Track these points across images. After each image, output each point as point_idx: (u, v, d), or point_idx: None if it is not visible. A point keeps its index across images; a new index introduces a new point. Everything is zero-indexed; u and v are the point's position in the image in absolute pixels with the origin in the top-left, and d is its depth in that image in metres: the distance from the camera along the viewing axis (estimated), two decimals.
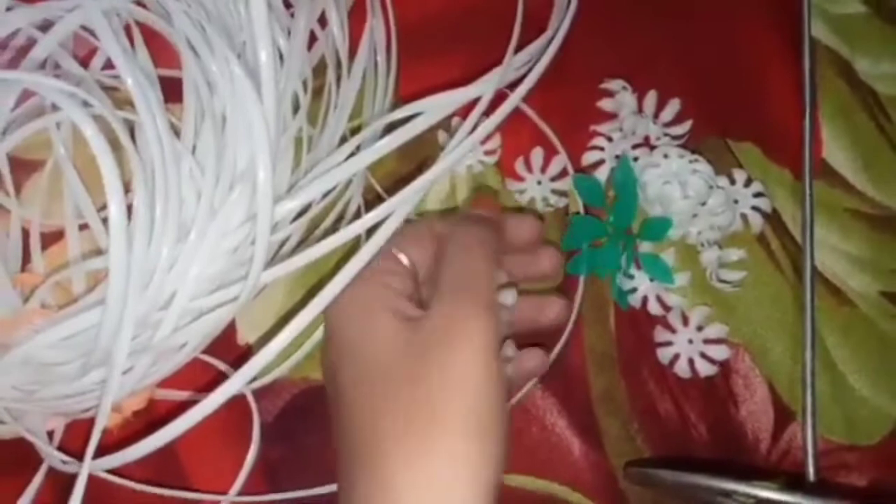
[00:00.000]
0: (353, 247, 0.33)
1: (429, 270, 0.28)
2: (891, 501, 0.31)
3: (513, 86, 0.32)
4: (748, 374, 0.33)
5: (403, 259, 0.28)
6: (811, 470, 0.29)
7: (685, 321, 0.33)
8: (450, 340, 0.24)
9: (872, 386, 0.33)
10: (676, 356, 0.32)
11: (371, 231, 0.29)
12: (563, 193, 0.35)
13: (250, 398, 0.31)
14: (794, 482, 0.30)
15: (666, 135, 0.35)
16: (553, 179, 0.35)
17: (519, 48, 0.33)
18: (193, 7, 0.31)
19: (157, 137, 0.27)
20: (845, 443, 0.32)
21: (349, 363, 0.25)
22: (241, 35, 0.32)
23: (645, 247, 0.33)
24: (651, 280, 0.33)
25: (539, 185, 0.35)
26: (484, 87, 0.31)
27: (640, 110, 0.35)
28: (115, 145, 0.28)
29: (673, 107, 0.36)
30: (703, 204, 0.33)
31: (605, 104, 0.36)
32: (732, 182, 0.34)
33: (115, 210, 0.24)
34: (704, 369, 0.32)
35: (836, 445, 0.32)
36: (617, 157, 0.35)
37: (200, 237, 0.28)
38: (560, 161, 0.35)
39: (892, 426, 0.32)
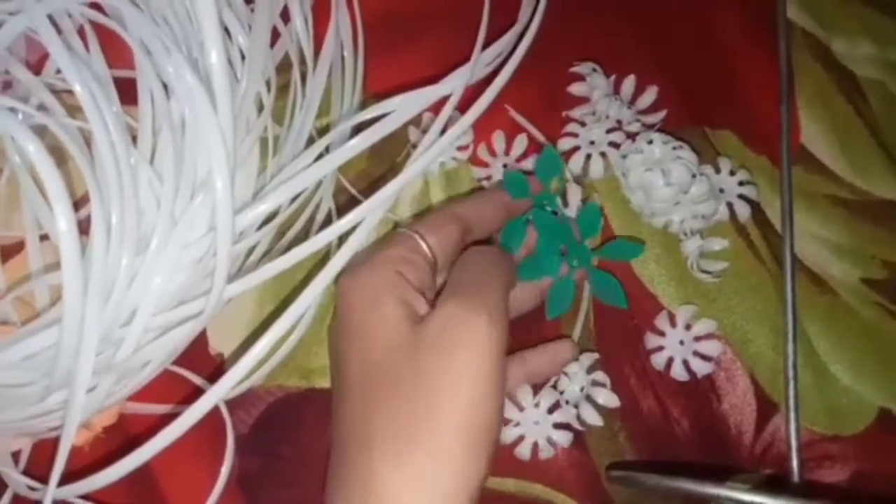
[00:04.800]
0: (325, 251, 0.32)
1: (448, 259, 0.28)
2: (872, 500, 0.31)
3: (486, 81, 0.31)
4: (730, 366, 0.32)
5: (423, 247, 0.27)
6: (795, 468, 0.29)
7: (672, 322, 0.32)
8: (449, 343, 0.24)
9: (855, 375, 0.32)
10: (671, 360, 0.32)
11: (343, 237, 0.28)
12: (530, 172, 0.34)
13: (224, 411, 0.30)
14: (776, 482, 0.30)
15: (639, 121, 0.34)
16: (518, 160, 0.34)
17: (489, 41, 0.32)
18: (148, 8, 0.29)
19: (109, 145, 0.26)
20: (828, 433, 0.31)
21: (350, 351, 0.25)
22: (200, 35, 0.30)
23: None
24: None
25: (505, 167, 0.34)
26: (454, 85, 0.30)
27: (616, 93, 0.35)
28: (68, 154, 0.27)
29: (650, 94, 0.35)
30: (686, 192, 0.32)
31: (578, 88, 0.35)
32: (717, 171, 0.34)
33: (64, 223, 0.23)
34: (701, 368, 0.32)
35: (820, 436, 0.31)
36: (591, 142, 0.34)
37: (161, 248, 0.27)
38: (521, 141, 0.34)
39: (875, 415, 0.32)
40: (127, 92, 0.30)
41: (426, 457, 0.23)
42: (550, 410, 0.30)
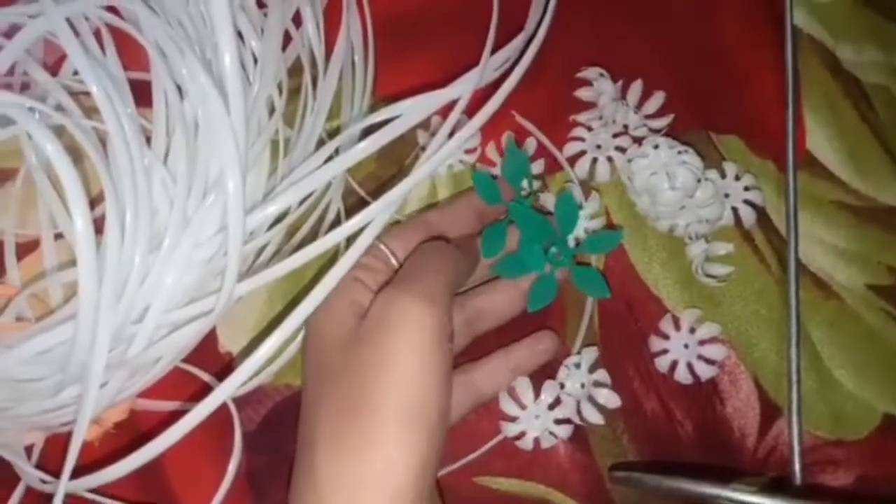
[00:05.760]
0: (333, 252, 0.32)
1: None
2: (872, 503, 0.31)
3: (494, 85, 0.31)
4: (734, 370, 0.32)
5: (385, 252, 0.28)
6: (797, 472, 0.29)
7: (677, 325, 0.32)
8: (384, 327, 0.24)
9: (859, 380, 0.32)
10: (675, 363, 0.32)
11: (351, 239, 0.29)
12: (538, 178, 0.34)
13: (232, 408, 0.31)
14: (778, 484, 0.30)
15: (645, 125, 0.34)
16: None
17: (498, 46, 0.33)
18: (164, 11, 0.30)
19: (124, 145, 0.27)
20: (832, 438, 0.32)
21: (307, 353, 0.27)
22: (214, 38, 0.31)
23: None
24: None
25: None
26: (462, 89, 0.30)
27: (623, 99, 0.35)
28: (84, 154, 0.27)
29: (657, 99, 0.35)
30: (691, 196, 0.33)
31: (585, 93, 0.35)
32: (723, 175, 0.34)
33: (80, 222, 0.24)
34: (704, 372, 0.32)
35: (823, 441, 0.32)
36: (598, 146, 0.34)
37: (173, 246, 0.27)
38: (531, 144, 0.35)
39: (879, 421, 0.32)
40: (142, 93, 0.31)
41: (357, 449, 0.23)
42: (552, 406, 0.31)
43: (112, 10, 0.31)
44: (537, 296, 0.30)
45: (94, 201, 0.33)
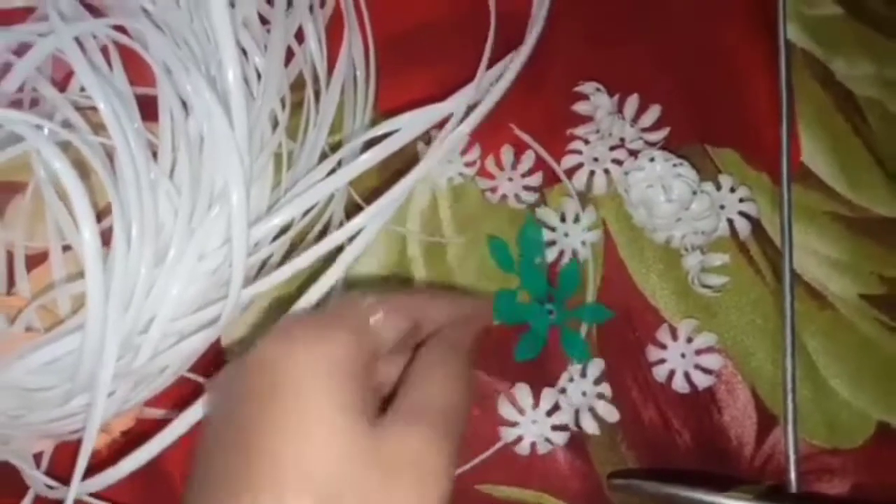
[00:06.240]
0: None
1: (397, 345, 0.24)
2: None
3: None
4: (731, 379, 0.33)
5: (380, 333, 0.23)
6: (793, 481, 0.29)
7: (674, 335, 0.33)
8: (402, 471, 0.20)
9: (854, 389, 0.33)
10: (672, 372, 0.32)
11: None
12: (534, 188, 0.35)
13: None
14: (774, 492, 0.30)
15: (642, 139, 0.35)
16: (524, 175, 0.35)
17: (494, 61, 0.34)
18: (169, 29, 0.31)
19: (131, 160, 0.27)
20: (827, 447, 0.32)
21: (260, 413, 0.20)
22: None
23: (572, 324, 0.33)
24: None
25: (510, 181, 0.35)
26: (457, 104, 0.31)
27: (619, 112, 0.36)
28: (92, 168, 0.28)
29: (653, 113, 0.36)
30: (687, 208, 0.33)
31: (582, 107, 0.36)
32: (718, 187, 0.34)
33: (88, 235, 0.24)
34: (701, 381, 0.32)
35: (819, 449, 0.32)
36: (595, 159, 0.35)
37: (178, 258, 0.28)
38: (530, 156, 0.35)
39: (874, 429, 0.32)
40: (147, 108, 0.31)
41: None
42: (549, 413, 0.31)
43: (119, 28, 0.32)
44: (525, 348, 0.32)
45: (101, 214, 0.33)
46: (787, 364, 0.32)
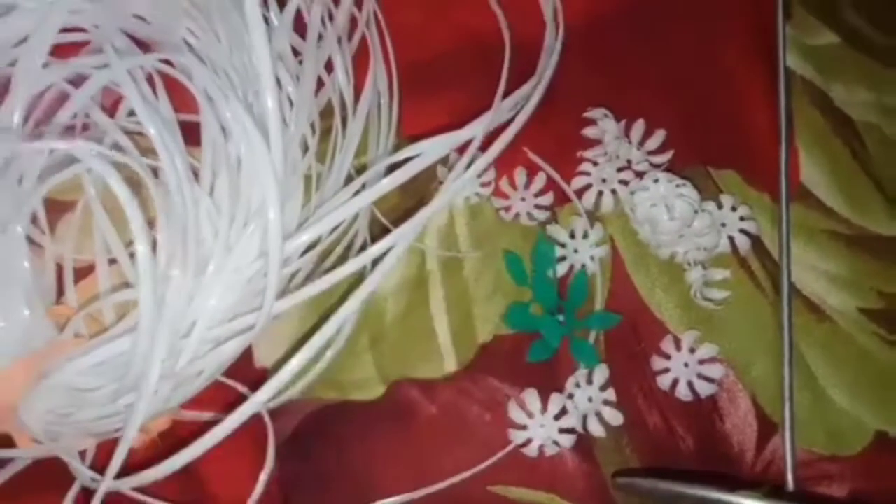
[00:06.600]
0: (360, 275, 0.35)
1: None
2: None
3: (506, 125, 0.35)
4: (732, 388, 0.35)
5: None
6: (790, 480, 0.31)
7: (678, 346, 0.35)
8: None
9: (852, 398, 0.34)
10: (676, 381, 0.34)
11: (376, 262, 0.32)
12: (546, 207, 0.37)
13: (266, 418, 0.33)
14: (776, 491, 0.32)
15: (647, 161, 0.37)
16: (536, 195, 0.37)
17: (510, 90, 0.36)
18: (211, 61, 0.34)
19: (177, 181, 0.30)
20: (826, 453, 0.33)
21: None
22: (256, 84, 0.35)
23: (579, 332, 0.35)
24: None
25: (523, 200, 0.37)
26: (475, 130, 0.34)
27: (626, 136, 0.38)
28: (140, 186, 0.31)
29: (658, 136, 0.38)
30: (689, 226, 0.35)
31: (591, 132, 0.38)
32: (720, 206, 0.36)
33: (142, 250, 0.27)
34: (704, 389, 0.34)
35: (818, 456, 0.33)
36: (603, 180, 0.37)
37: (218, 271, 0.31)
38: (542, 177, 0.37)
39: (872, 437, 0.34)
40: (189, 133, 0.34)
41: None
42: (557, 416, 0.33)
43: (165, 60, 0.35)
44: (537, 350, 0.34)
45: None
46: (784, 372, 0.33)
